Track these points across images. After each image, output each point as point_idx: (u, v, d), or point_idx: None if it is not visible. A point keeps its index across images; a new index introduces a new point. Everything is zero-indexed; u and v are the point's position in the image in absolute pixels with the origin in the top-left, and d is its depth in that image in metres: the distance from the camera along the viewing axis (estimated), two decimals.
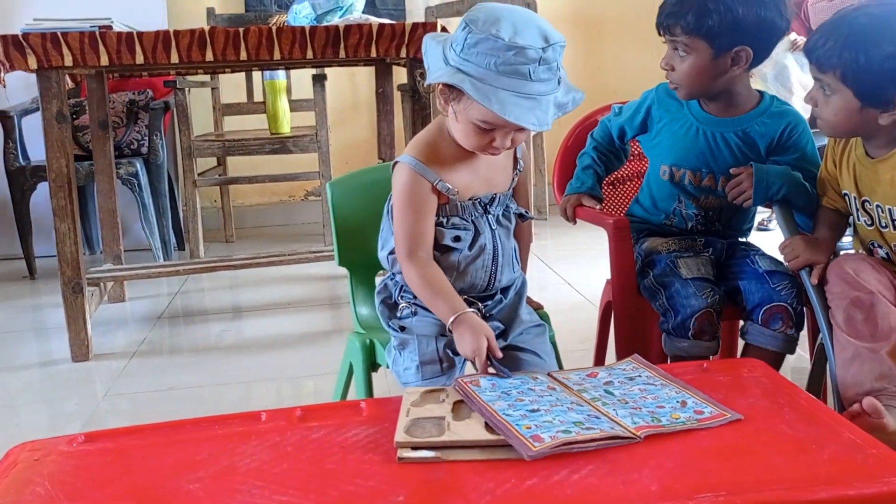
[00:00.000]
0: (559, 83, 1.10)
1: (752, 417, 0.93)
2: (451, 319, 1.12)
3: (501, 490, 0.81)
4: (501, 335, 1.22)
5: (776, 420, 0.92)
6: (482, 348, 1.08)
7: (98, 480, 0.87)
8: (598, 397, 0.98)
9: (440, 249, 1.22)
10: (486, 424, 0.91)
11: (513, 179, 1.27)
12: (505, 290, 1.29)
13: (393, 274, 1.29)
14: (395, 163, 1.22)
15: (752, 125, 1.46)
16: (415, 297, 1.23)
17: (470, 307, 1.17)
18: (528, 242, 1.38)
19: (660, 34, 1.43)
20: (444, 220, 1.21)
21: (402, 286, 1.26)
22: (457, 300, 1.15)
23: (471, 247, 1.21)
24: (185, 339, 2.50)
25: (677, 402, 0.96)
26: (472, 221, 1.21)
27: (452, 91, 1.11)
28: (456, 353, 1.18)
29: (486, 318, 1.22)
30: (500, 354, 1.09)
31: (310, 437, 0.93)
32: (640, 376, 1.04)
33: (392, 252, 1.25)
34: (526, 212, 1.30)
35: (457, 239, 1.20)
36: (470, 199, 1.20)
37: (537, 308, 1.36)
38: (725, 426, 0.91)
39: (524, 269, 1.36)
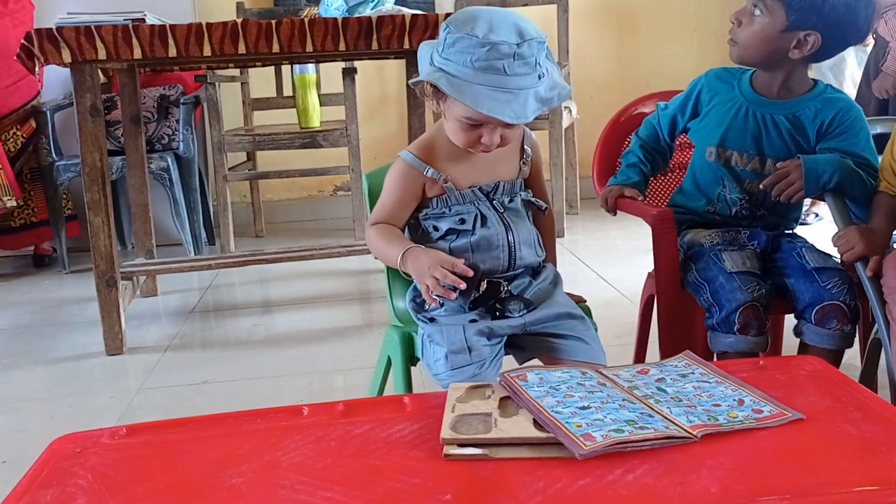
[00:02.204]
0: (540, 78, 1.12)
1: (814, 417, 0.88)
2: (401, 254, 1.18)
3: (553, 490, 0.78)
4: (524, 304, 1.24)
5: (840, 420, 0.88)
6: (438, 260, 1.13)
7: (140, 474, 0.86)
8: (651, 395, 0.94)
9: (450, 235, 1.24)
10: (535, 421, 0.88)
11: (520, 168, 1.28)
12: (535, 274, 1.28)
13: None
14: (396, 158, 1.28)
15: (803, 108, 1.42)
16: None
17: (496, 287, 1.23)
18: (551, 233, 1.38)
19: None
20: (447, 209, 1.24)
21: None
22: (406, 241, 1.22)
23: (476, 230, 1.23)
24: (217, 334, 2.50)
25: (734, 399, 0.92)
26: (477, 207, 1.24)
27: (439, 91, 1.15)
28: (488, 337, 1.19)
29: (512, 296, 1.24)
30: (461, 263, 1.13)
31: (353, 432, 0.90)
32: (693, 373, 1.00)
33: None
34: (537, 200, 1.30)
35: (462, 221, 1.23)
36: (470, 188, 1.23)
37: (579, 301, 1.33)
38: (786, 426, 0.87)
39: (552, 261, 1.35)
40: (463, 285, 1.13)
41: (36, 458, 0.90)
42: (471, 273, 1.14)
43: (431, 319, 1.26)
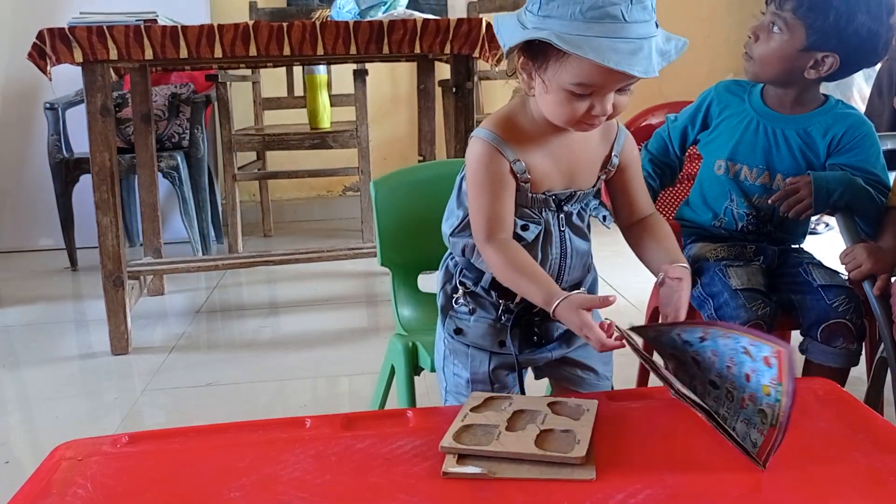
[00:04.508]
0: (657, 26, 0.96)
1: (824, 445, 0.87)
2: (552, 308, 0.99)
3: None
4: (564, 340, 1.15)
5: (849, 447, 0.87)
6: (586, 325, 0.95)
7: (139, 485, 0.85)
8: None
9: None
10: (538, 438, 0.88)
11: (598, 178, 1.11)
12: (573, 288, 1.14)
13: (452, 254, 1.18)
14: (471, 137, 1.08)
15: (814, 124, 1.41)
16: (475, 284, 1.13)
17: (531, 306, 1.07)
18: (667, 232, 1.13)
19: (767, 3, 1.39)
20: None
21: (462, 268, 1.15)
22: (547, 283, 1.02)
23: (536, 245, 1.08)
24: (223, 335, 2.50)
25: (741, 351, 0.87)
26: (544, 218, 1.08)
27: (536, 59, 0.98)
28: (510, 371, 1.13)
29: (546, 316, 1.08)
30: (607, 331, 0.96)
31: (354, 446, 0.90)
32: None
33: (453, 230, 1.14)
34: (605, 217, 1.12)
35: (524, 228, 1.07)
36: (544, 193, 1.06)
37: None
38: (798, 455, 0.84)
39: (678, 257, 1.08)
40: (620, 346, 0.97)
41: (39, 459, 0.91)
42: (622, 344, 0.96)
43: (458, 331, 1.15)
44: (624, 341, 0.95)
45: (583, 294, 1.02)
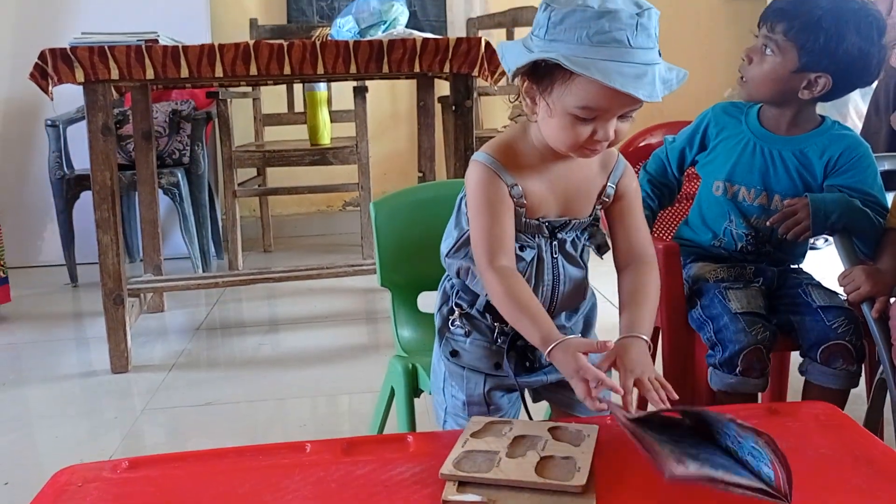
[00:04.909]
0: (660, 55, 0.97)
1: (825, 471, 0.88)
2: (547, 351, 0.99)
3: None
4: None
5: (850, 473, 0.87)
6: (582, 369, 0.95)
7: None
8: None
9: None
10: (538, 465, 0.88)
11: (594, 209, 1.12)
12: (570, 315, 1.16)
13: (449, 275, 1.19)
14: (471, 161, 1.10)
15: (810, 145, 1.42)
16: (470, 306, 1.14)
17: None
18: (647, 290, 1.09)
19: (759, 26, 1.40)
20: None
21: (458, 290, 1.16)
22: (546, 324, 1.02)
23: (529, 270, 1.09)
24: (223, 352, 2.50)
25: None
26: (536, 243, 1.09)
27: (541, 83, 0.99)
28: (506, 392, 1.13)
29: None
30: (605, 380, 0.95)
31: (354, 472, 0.90)
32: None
33: (449, 251, 1.15)
34: (599, 248, 1.13)
35: (521, 248, 1.08)
36: (538, 219, 1.08)
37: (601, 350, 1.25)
38: (800, 482, 0.83)
39: (645, 329, 1.04)
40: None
41: (39, 480, 0.91)
42: (620, 391, 0.96)
43: (454, 353, 1.15)
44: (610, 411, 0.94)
45: (578, 338, 1.02)
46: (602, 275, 1.19)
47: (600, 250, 1.14)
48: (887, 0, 2.74)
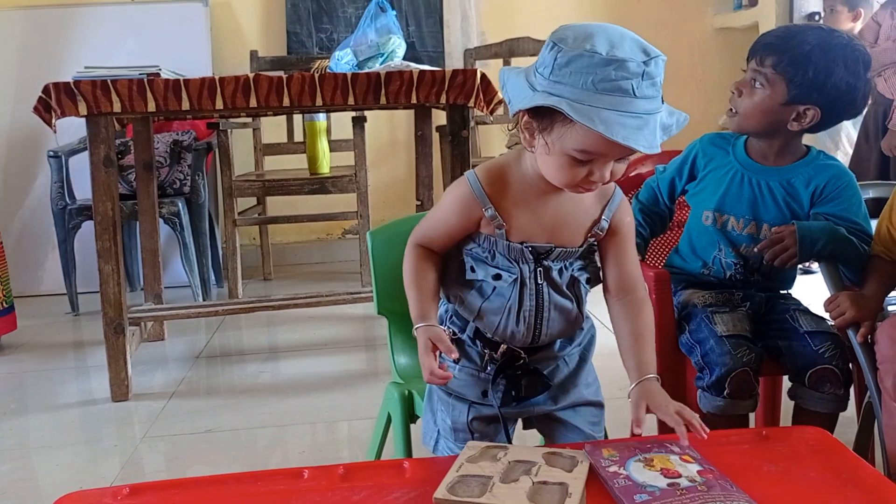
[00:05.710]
0: (662, 102, 0.98)
1: (815, 496, 0.90)
2: (415, 328, 1.10)
3: None
4: (550, 397, 1.17)
5: (839, 498, 0.89)
6: (426, 366, 1.06)
7: None
8: None
9: (482, 288, 1.12)
10: (531, 491, 0.90)
11: (585, 240, 1.12)
12: (563, 345, 1.18)
13: (443, 300, 1.20)
14: (464, 174, 1.12)
15: (796, 175, 1.45)
16: (461, 331, 1.16)
17: (516, 359, 1.12)
18: (640, 328, 1.14)
19: (748, 60, 1.44)
20: (489, 256, 1.10)
21: (451, 314, 1.18)
22: (428, 304, 1.12)
23: (511, 294, 1.10)
24: (222, 380, 2.52)
25: None
26: (520, 269, 1.10)
27: (542, 121, 0.99)
28: (491, 422, 1.15)
29: (531, 371, 1.14)
30: (454, 356, 1.06)
31: (351, 498, 0.92)
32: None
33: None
34: (587, 280, 1.14)
35: (497, 277, 1.10)
36: (521, 243, 1.09)
37: None
38: None
39: (654, 366, 1.11)
40: (448, 377, 1.06)
41: None
42: (455, 355, 1.06)
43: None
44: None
45: (447, 335, 1.09)
46: (597, 302, 1.21)
47: (590, 283, 1.15)
48: (874, 29, 2.80)
